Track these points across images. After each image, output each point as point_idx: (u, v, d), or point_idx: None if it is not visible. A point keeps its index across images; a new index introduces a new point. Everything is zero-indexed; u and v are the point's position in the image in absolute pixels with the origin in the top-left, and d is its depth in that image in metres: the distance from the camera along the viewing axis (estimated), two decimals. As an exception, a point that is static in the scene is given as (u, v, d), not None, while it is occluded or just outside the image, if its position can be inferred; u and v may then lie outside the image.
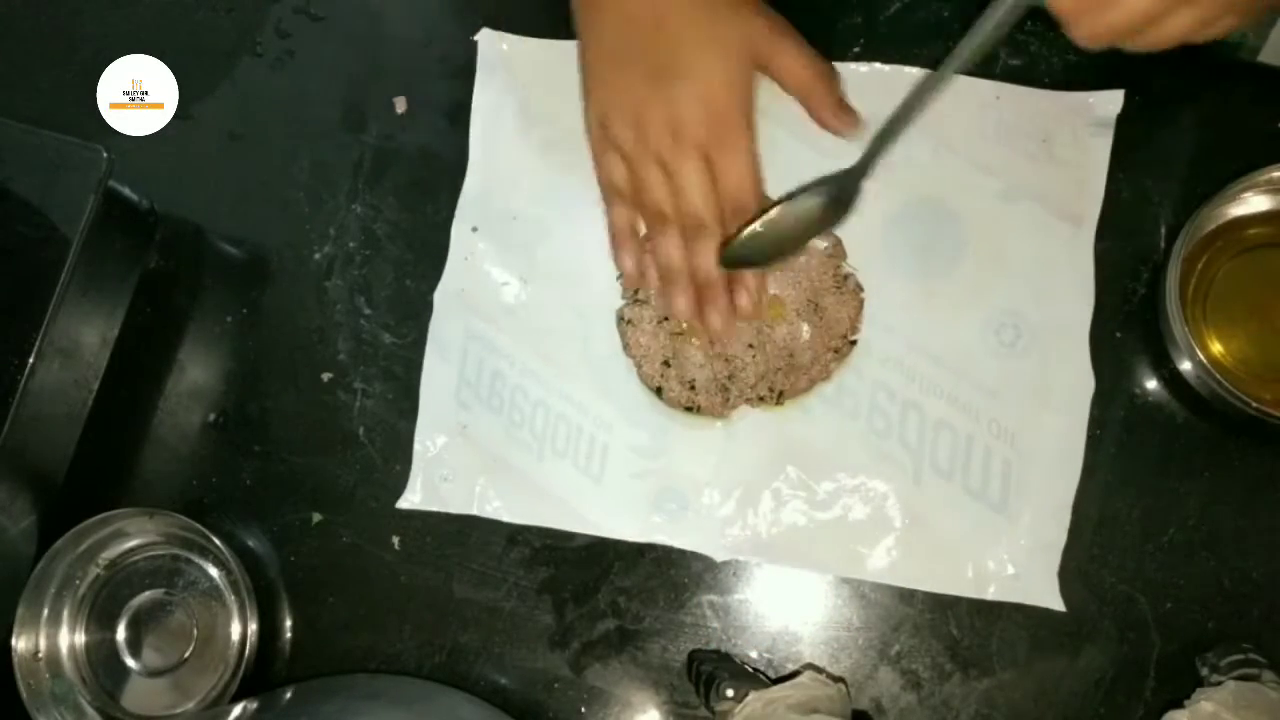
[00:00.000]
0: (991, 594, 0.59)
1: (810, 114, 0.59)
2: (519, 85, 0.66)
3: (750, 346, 0.62)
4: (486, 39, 0.66)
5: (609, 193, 0.60)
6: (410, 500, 0.63)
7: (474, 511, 0.62)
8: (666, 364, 0.63)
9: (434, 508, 0.62)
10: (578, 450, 0.62)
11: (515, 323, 0.64)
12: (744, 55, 0.57)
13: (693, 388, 0.62)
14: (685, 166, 0.57)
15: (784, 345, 0.62)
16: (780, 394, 0.62)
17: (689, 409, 0.62)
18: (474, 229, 0.65)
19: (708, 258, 0.58)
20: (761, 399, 0.62)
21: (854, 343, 0.62)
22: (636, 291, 0.64)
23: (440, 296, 0.64)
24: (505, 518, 0.62)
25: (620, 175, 0.59)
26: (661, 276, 0.60)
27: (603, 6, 0.58)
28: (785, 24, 0.59)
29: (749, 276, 0.59)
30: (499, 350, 0.63)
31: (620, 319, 0.64)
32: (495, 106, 0.66)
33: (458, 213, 0.65)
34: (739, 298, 0.59)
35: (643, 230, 0.61)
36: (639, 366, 0.63)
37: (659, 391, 0.63)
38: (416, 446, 0.63)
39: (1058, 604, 0.59)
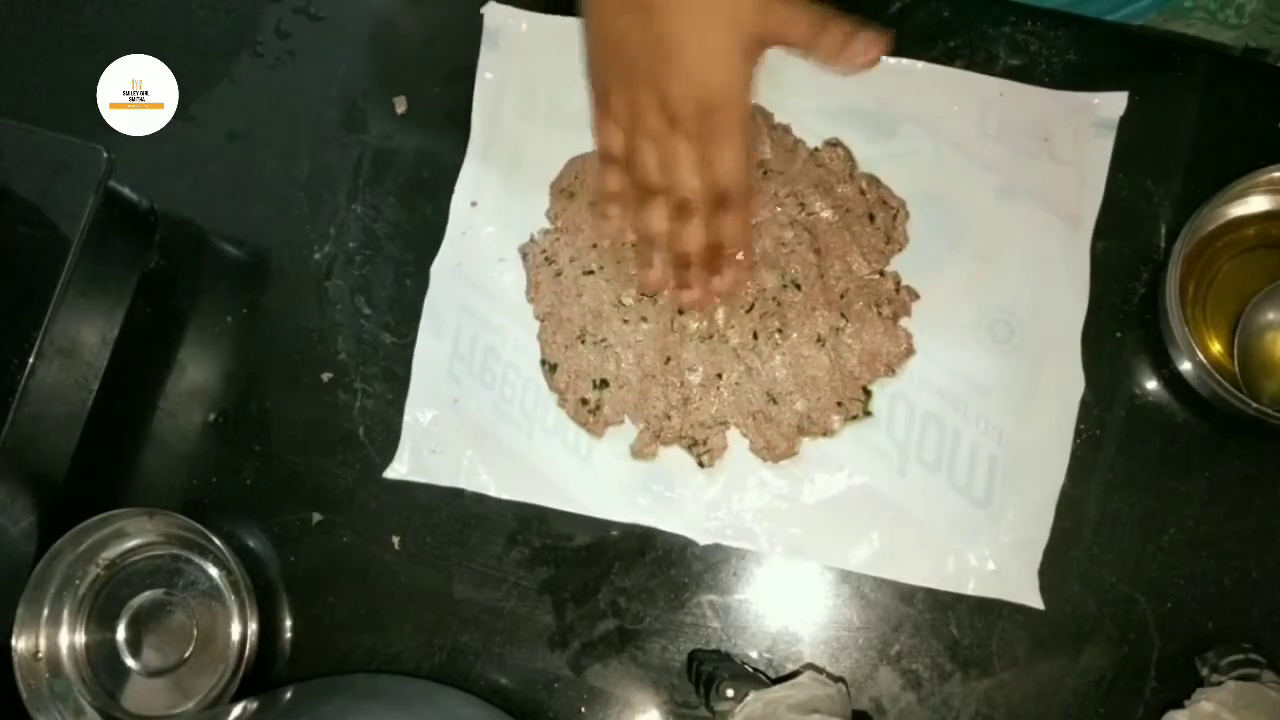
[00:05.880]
0: (971, 589, 0.59)
1: (819, 63, 0.56)
2: (523, 61, 0.66)
3: (719, 377, 0.60)
4: (493, 13, 0.66)
5: (604, 157, 0.59)
6: (397, 470, 0.63)
7: (460, 484, 0.62)
8: (581, 340, 0.61)
9: (420, 479, 0.62)
10: (566, 429, 0.62)
11: (510, 300, 0.63)
12: (737, 30, 0.54)
13: (601, 386, 0.61)
14: (677, 150, 0.55)
15: (765, 382, 0.60)
16: (708, 453, 0.60)
17: (584, 401, 0.61)
18: (473, 203, 0.65)
19: (691, 236, 0.56)
20: (691, 445, 0.60)
21: (869, 413, 0.60)
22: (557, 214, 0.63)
23: (437, 270, 0.64)
24: (491, 491, 0.62)
25: (616, 143, 0.58)
26: (642, 243, 0.59)
27: None
28: None
29: (732, 261, 0.57)
30: (493, 326, 0.63)
31: (528, 253, 0.62)
32: (499, 82, 0.66)
33: (457, 187, 0.65)
34: (715, 282, 0.57)
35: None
36: (542, 325, 0.62)
37: (553, 369, 0.61)
38: (406, 418, 0.63)
39: (1036, 602, 0.59)
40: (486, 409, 0.63)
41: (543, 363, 0.62)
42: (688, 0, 0.53)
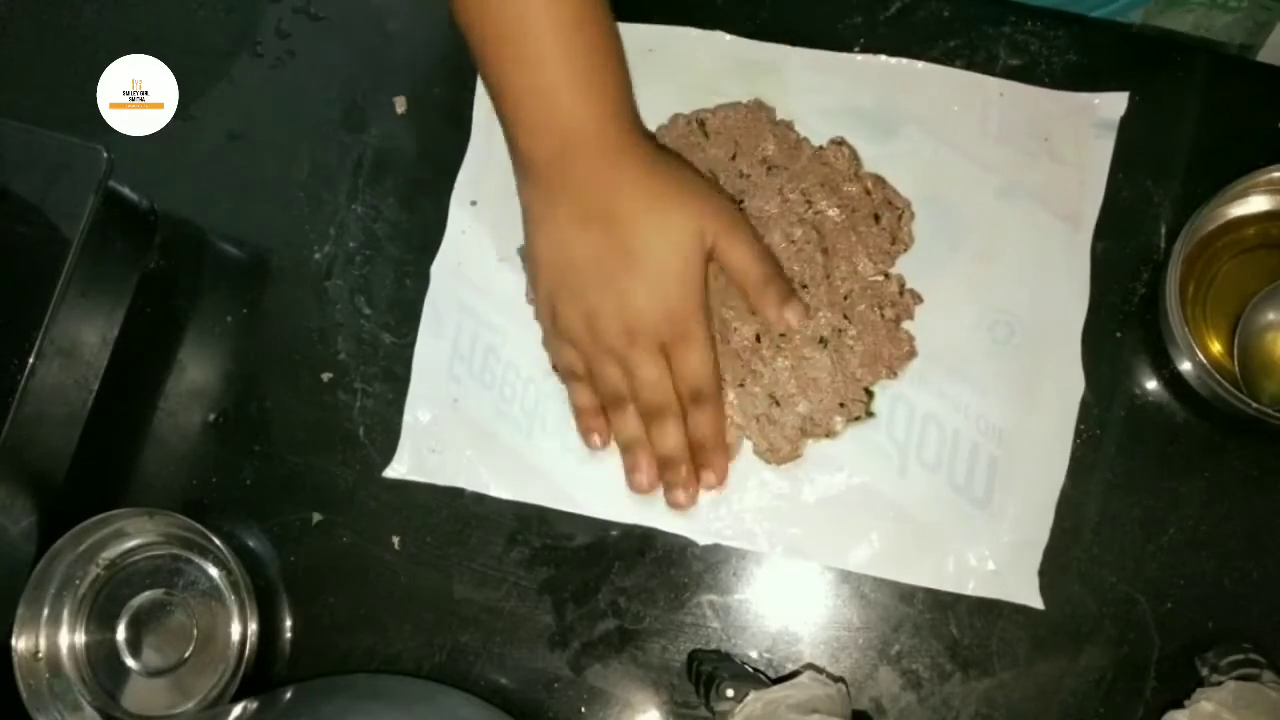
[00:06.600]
0: (971, 589, 0.59)
1: (755, 308, 0.59)
2: None
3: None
4: None
5: (565, 375, 0.60)
6: (397, 470, 0.63)
7: (460, 484, 0.62)
8: None
9: (420, 478, 0.62)
10: (567, 429, 0.62)
11: (510, 300, 0.63)
12: (696, 247, 0.56)
13: None
14: (641, 362, 0.56)
15: (768, 385, 0.60)
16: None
17: None
18: (473, 203, 0.65)
19: (669, 437, 0.57)
20: None
21: (872, 414, 0.60)
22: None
23: (437, 270, 0.64)
24: (491, 491, 0.62)
25: (574, 359, 0.59)
26: (622, 451, 0.60)
27: (554, 200, 0.57)
28: (735, 213, 0.58)
29: (718, 454, 0.58)
30: (493, 326, 0.63)
31: (524, 252, 0.62)
32: None
33: (457, 186, 0.65)
34: (705, 477, 0.58)
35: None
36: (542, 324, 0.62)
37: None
38: (406, 417, 0.63)
39: (1037, 602, 0.59)
40: (486, 409, 0.63)
41: (555, 368, 0.62)
42: (658, 218, 0.56)
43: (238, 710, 0.58)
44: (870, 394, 0.60)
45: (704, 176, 0.61)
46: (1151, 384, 0.61)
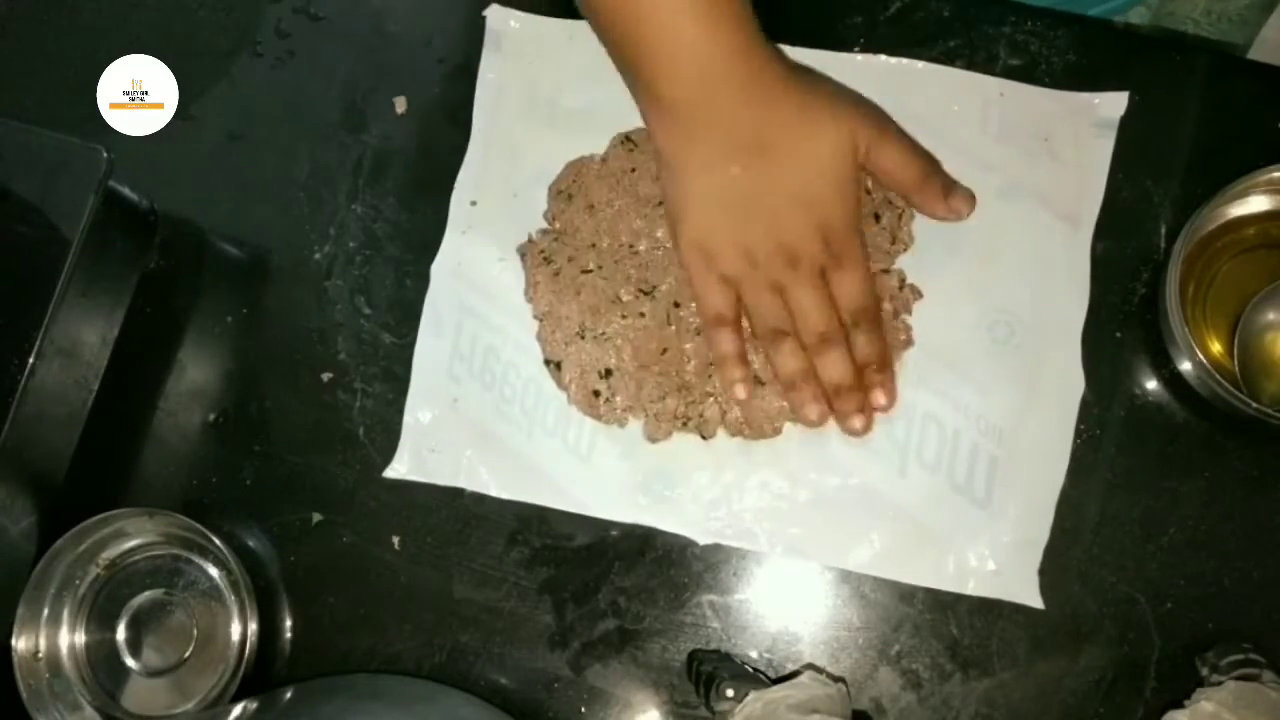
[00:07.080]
0: (971, 589, 0.59)
1: (918, 209, 0.60)
2: (525, 63, 0.66)
3: (711, 364, 0.60)
4: (495, 15, 0.66)
5: (713, 322, 0.59)
6: (397, 470, 0.63)
7: (460, 484, 0.62)
8: (581, 335, 0.61)
9: (420, 478, 0.62)
10: (567, 428, 0.62)
11: (510, 299, 0.63)
12: (849, 163, 0.55)
13: (607, 375, 0.60)
14: (803, 290, 0.55)
15: (761, 370, 0.60)
16: (705, 423, 0.60)
17: (596, 393, 0.61)
18: (473, 203, 0.65)
19: (838, 363, 0.57)
20: (686, 422, 0.60)
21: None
22: (555, 220, 0.63)
23: (437, 270, 0.64)
24: (491, 491, 0.62)
25: (726, 303, 0.57)
26: (787, 387, 0.59)
27: (697, 137, 0.55)
28: (880, 115, 0.58)
29: (886, 373, 0.58)
30: (493, 326, 0.63)
31: (525, 252, 0.62)
32: (500, 83, 0.66)
33: (457, 186, 0.65)
34: (876, 398, 0.58)
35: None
36: (541, 324, 0.62)
37: (558, 367, 0.61)
38: (406, 418, 0.63)
39: (1036, 602, 0.59)
40: (486, 409, 0.63)
41: (547, 362, 0.62)
42: (808, 138, 0.54)
43: (238, 710, 0.58)
44: None
45: (838, 84, 0.59)
46: (1151, 384, 0.61)
